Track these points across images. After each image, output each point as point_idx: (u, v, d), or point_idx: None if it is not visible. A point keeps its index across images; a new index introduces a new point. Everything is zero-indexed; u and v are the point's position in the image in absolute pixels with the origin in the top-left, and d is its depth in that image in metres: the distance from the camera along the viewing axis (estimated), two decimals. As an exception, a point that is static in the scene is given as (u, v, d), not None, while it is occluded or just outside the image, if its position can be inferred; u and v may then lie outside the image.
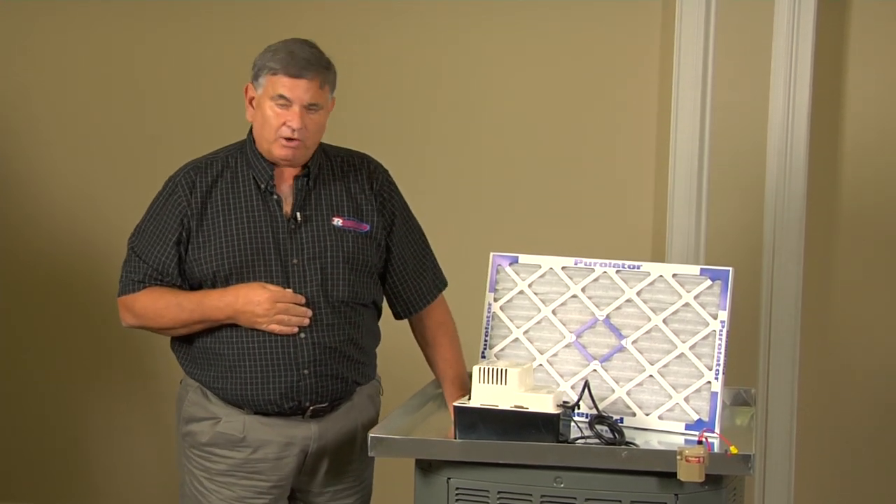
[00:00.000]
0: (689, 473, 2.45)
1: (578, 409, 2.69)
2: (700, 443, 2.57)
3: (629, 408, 2.78)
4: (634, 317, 2.82)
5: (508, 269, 2.94)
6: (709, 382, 2.73)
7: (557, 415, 2.59)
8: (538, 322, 2.89)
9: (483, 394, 2.64)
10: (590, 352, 2.84)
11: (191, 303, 2.82)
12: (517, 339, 2.90)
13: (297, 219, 2.86)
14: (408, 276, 3.00)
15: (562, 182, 4.14)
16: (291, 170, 2.89)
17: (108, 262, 3.53)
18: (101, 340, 4.33)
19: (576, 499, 2.56)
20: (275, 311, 2.78)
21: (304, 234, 2.86)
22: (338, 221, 2.89)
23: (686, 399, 2.74)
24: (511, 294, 2.92)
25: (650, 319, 2.80)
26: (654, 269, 2.83)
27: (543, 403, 2.60)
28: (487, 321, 2.93)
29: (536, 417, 2.59)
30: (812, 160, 3.97)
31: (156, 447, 4.37)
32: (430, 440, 2.68)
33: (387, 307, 3.04)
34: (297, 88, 2.79)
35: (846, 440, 4.10)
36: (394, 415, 2.81)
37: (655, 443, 2.67)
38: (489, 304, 2.93)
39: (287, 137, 2.80)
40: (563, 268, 2.89)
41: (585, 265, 2.88)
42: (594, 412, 2.71)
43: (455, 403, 2.69)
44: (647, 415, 2.76)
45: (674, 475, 2.48)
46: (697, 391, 2.74)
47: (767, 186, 3.98)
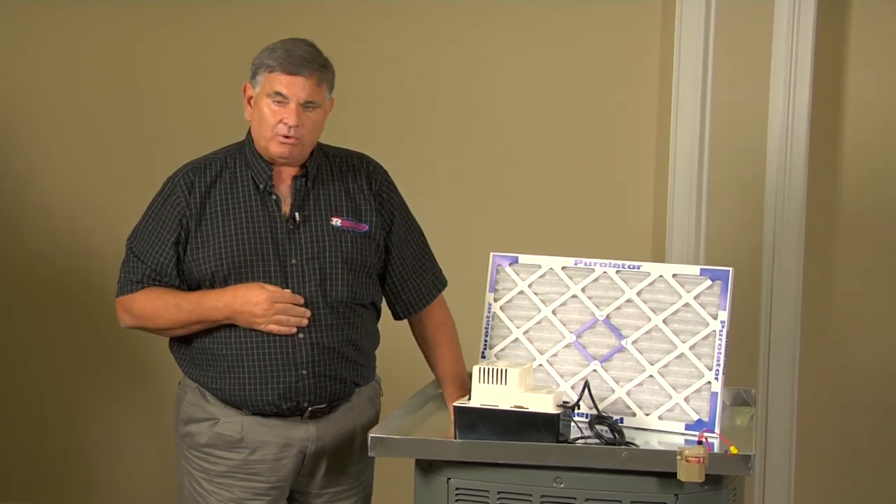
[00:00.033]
0: (689, 474, 2.45)
1: (578, 410, 2.69)
2: (700, 443, 2.56)
3: (629, 408, 2.78)
4: (634, 317, 2.81)
5: (508, 270, 2.93)
6: (709, 382, 2.73)
7: (557, 415, 2.58)
8: (538, 322, 2.89)
9: (483, 394, 2.64)
10: (590, 352, 2.83)
11: (189, 303, 2.82)
12: (517, 340, 2.90)
13: (296, 219, 2.86)
14: (407, 277, 3.00)
15: (562, 182, 4.14)
16: (290, 170, 2.88)
17: (108, 263, 3.52)
18: (101, 341, 4.33)
19: (576, 499, 2.56)
20: (273, 312, 2.78)
21: (303, 235, 2.85)
22: (336, 222, 2.89)
23: (686, 399, 2.74)
24: (511, 294, 2.92)
25: (650, 319, 2.80)
26: (654, 270, 2.83)
27: (543, 403, 2.59)
28: (487, 321, 2.93)
29: (536, 417, 2.58)
30: (812, 160, 3.97)
31: (155, 447, 4.37)
32: (430, 440, 2.67)
33: (386, 308, 3.03)
34: (294, 85, 2.79)
35: (846, 440, 4.10)
36: (394, 415, 2.80)
37: (655, 443, 2.67)
38: (489, 305, 2.93)
39: (284, 135, 2.80)
40: (563, 268, 2.89)
41: (585, 265, 2.88)
42: (594, 412, 2.71)
43: (455, 403, 2.69)
44: (647, 415, 2.76)
45: (674, 475, 2.47)
46: (697, 391, 2.74)
47: (767, 186, 3.98)
